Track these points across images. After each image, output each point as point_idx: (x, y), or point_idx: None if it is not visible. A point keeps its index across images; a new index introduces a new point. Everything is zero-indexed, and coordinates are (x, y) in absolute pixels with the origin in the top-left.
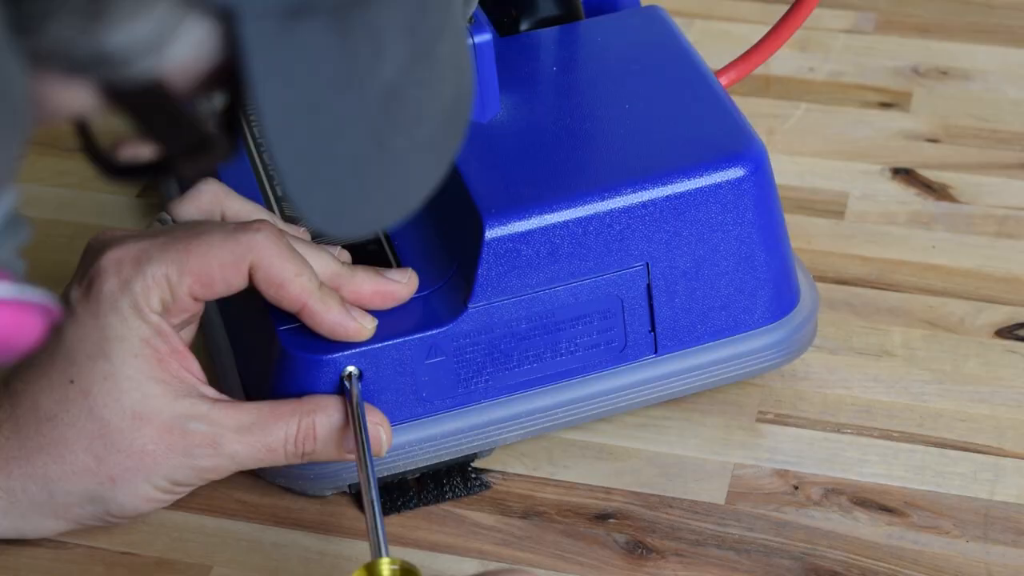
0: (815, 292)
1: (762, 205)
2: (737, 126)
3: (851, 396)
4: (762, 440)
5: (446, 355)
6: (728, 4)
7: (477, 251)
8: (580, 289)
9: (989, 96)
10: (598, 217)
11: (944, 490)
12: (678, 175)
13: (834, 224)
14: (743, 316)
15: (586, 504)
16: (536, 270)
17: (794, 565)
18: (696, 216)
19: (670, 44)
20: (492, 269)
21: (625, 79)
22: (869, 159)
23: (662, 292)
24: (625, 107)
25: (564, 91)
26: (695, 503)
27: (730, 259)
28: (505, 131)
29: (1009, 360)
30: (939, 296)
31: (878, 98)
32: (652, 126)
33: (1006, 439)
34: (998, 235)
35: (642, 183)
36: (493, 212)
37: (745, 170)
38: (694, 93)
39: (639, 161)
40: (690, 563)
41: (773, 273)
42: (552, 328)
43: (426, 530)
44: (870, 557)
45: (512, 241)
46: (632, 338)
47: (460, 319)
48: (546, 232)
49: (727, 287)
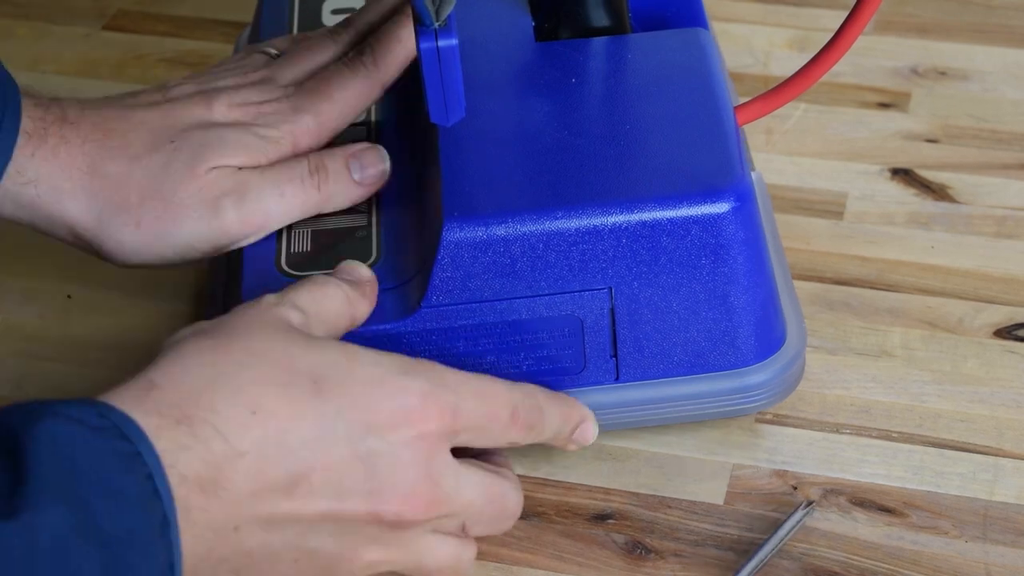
0: (803, 332)
1: (741, 245)
2: (729, 161)
3: (850, 396)
4: (761, 440)
5: (397, 351)
6: (728, 4)
7: (435, 251)
8: (538, 304)
9: (988, 96)
10: (560, 234)
11: (943, 490)
12: (651, 203)
13: (833, 224)
14: (716, 355)
15: (585, 504)
16: (493, 279)
17: (793, 565)
18: (666, 247)
19: (698, 69)
20: (448, 271)
21: (637, 100)
22: (868, 159)
23: (625, 319)
24: (625, 128)
25: (573, 103)
26: (694, 503)
27: (703, 296)
28: (498, 136)
29: (1008, 360)
30: (938, 296)
31: (877, 98)
32: (643, 150)
33: (1005, 440)
34: (997, 235)
35: (611, 205)
36: (456, 215)
37: (725, 207)
38: (700, 122)
39: (616, 183)
40: (689, 563)
41: (752, 315)
42: (508, 340)
43: None
44: (869, 557)
45: (471, 246)
46: (592, 361)
47: (412, 318)
48: (506, 242)
49: (699, 324)
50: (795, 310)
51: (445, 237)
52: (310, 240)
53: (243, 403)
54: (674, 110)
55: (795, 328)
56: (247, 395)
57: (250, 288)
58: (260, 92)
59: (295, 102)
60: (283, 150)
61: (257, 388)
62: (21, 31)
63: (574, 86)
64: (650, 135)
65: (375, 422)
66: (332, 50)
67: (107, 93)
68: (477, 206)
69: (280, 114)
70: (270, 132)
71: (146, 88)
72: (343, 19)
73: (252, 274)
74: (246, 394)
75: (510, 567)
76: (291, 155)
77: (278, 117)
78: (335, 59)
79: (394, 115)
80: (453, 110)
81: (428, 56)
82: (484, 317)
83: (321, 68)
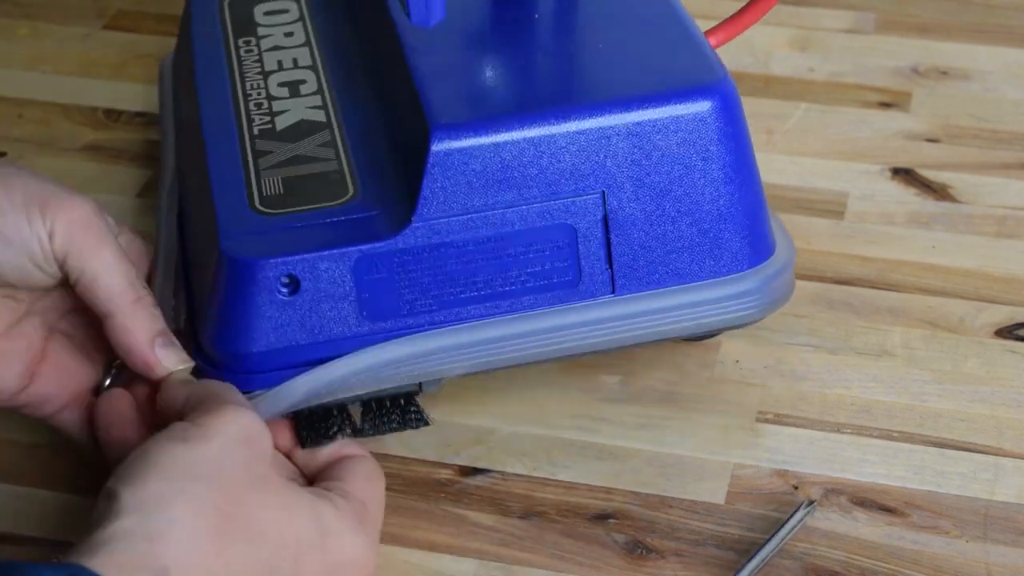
0: (791, 246)
1: (729, 142)
2: (708, 62)
3: (851, 396)
4: (762, 440)
5: (388, 272)
6: (728, 4)
7: (423, 163)
8: (530, 213)
9: (989, 96)
10: (551, 138)
11: (944, 490)
12: (639, 103)
13: (834, 224)
14: (709, 261)
15: (586, 504)
16: (485, 188)
17: (794, 565)
18: (656, 148)
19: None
20: (438, 183)
21: (607, 20)
22: (869, 159)
23: (619, 225)
24: (599, 46)
25: (543, 30)
26: (695, 503)
27: (694, 198)
28: (472, 48)
29: (1009, 360)
30: (939, 296)
31: (878, 98)
32: (622, 60)
33: (1005, 439)
34: (998, 235)
35: (601, 108)
36: (443, 124)
37: (711, 103)
38: (673, 34)
39: (601, 88)
40: (690, 563)
41: (741, 217)
42: (501, 254)
43: (425, 530)
44: (870, 557)
45: (460, 155)
46: (587, 273)
47: (402, 234)
48: (497, 149)
49: (691, 228)
50: (779, 224)
51: (433, 147)
52: (281, 184)
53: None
54: (645, 26)
55: (782, 239)
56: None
57: (227, 230)
58: None
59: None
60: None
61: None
62: (21, 31)
63: (538, 19)
64: (625, 47)
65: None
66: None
67: (107, 93)
68: (462, 114)
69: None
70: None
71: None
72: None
73: (226, 213)
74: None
75: (510, 566)
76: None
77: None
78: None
79: (337, 49)
80: (434, 10)
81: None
82: (476, 231)
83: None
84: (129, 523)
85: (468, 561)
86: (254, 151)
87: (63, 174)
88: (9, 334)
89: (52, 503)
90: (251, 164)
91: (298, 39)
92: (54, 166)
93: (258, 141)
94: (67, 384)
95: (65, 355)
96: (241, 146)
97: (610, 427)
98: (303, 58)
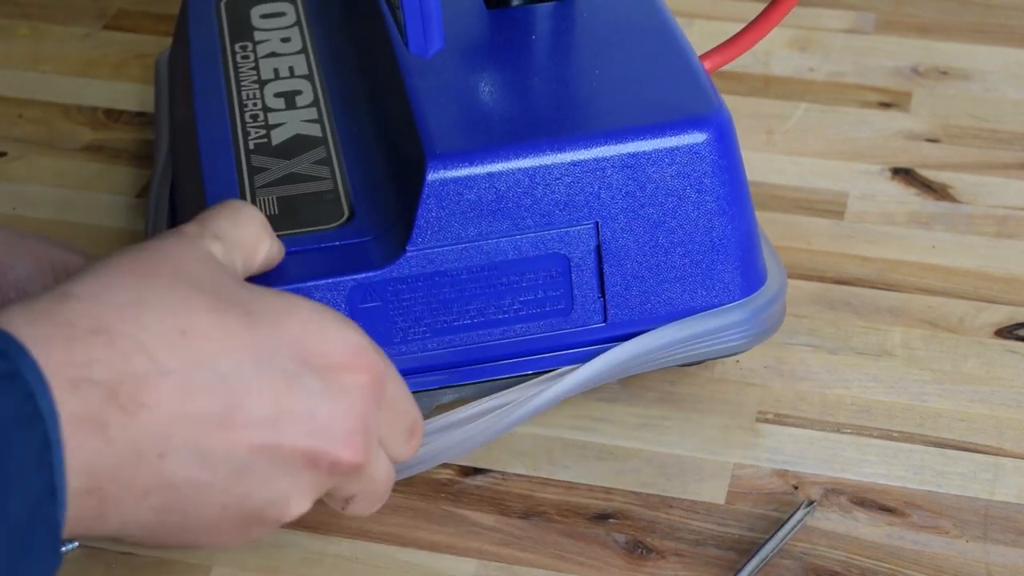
0: (783, 274)
1: (723, 174)
2: (704, 93)
3: (851, 396)
4: (762, 440)
5: (382, 300)
6: (728, 4)
7: (418, 192)
8: (524, 242)
9: (989, 96)
10: (546, 169)
11: (944, 490)
12: (634, 134)
13: (834, 224)
14: (701, 291)
15: (586, 504)
16: (479, 218)
17: (794, 565)
18: (651, 179)
19: (656, 21)
20: (433, 212)
21: (601, 48)
22: (869, 159)
23: (612, 255)
24: (595, 72)
25: (538, 56)
26: (695, 503)
27: (687, 229)
28: (469, 81)
29: (1009, 360)
30: (939, 296)
31: (878, 98)
32: (617, 88)
33: (1006, 439)
34: (998, 235)
35: (596, 139)
36: (438, 153)
37: (706, 135)
38: (666, 61)
39: (597, 118)
40: (690, 563)
41: (735, 248)
42: (495, 282)
43: (426, 530)
44: (870, 557)
45: (456, 185)
46: (580, 302)
47: (397, 263)
48: (492, 179)
49: (684, 258)
50: (771, 251)
51: (429, 176)
52: (277, 205)
53: (171, 322)
54: (640, 54)
55: (774, 267)
56: (176, 314)
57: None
58: None
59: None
60: None
61: (188, 309)
62: (21, 31)
63: (535, 42)
64: (622, 75)
65: (313, 361)
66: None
67: (107, 93)
68: (458, 143)
69: None
70: None
71: None
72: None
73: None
74: (175, 313)
75: (510, 566)
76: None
77: None
78: None
79: (333, 57)
80: (432, 40)
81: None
82: (470, 259)
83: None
84: (78, 290)
85: (468, 561)
86: (249, 167)
87: (63, 174)
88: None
89: None
90: (247, 182)
91: (295, 45)
92: (54, 166)
93: (254, 156)
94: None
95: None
96: (236, 162)
97: (610, 427)
98: (299, 67)
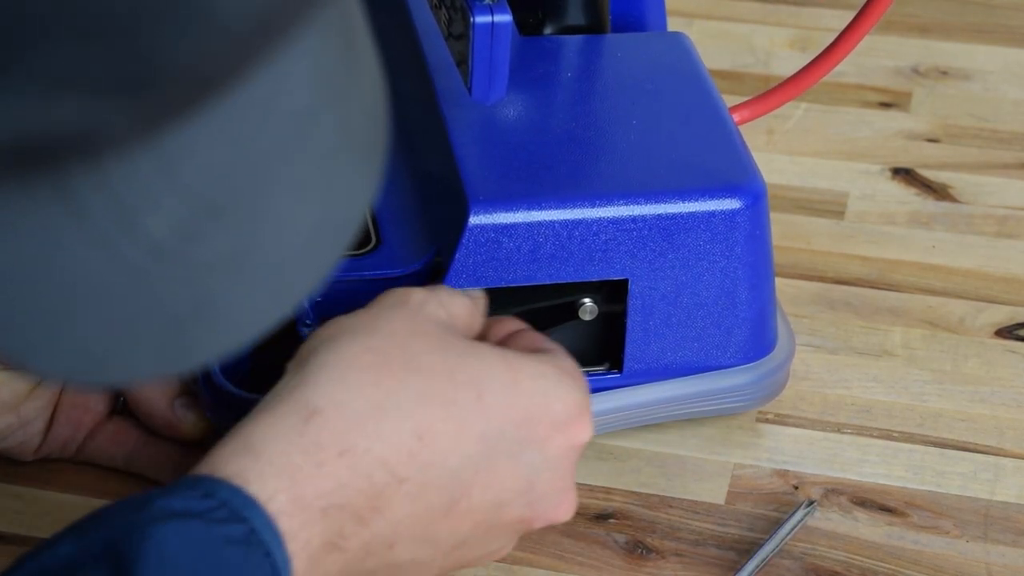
0: (792, 339)
1: (753, 242)
2: (741, 160)
3: (851, 396)
4: (762, 440)
5: None
6: (728, 4)
7: (458, 235)
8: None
9: (989, 96)
10: (584, 223)
11: (944, 490)
12: (672, 196)
13: (834, 224)
14: (716, 352)
15: (586, 504)
16: (515, 265)
17: (794, 565)
18: (684, 241)
19: (689, 71)
20: (471, 256)
21: (638, 96)
22: (869, 159)
23: (638, 311)
24: (632, 123)
25: (576, 96)
26: (695, 503)
27: (712, 291)
28: (510, 123)
29: (1009, 360)
30: (939, 296)
31: (878, 98)
32: (656, 145)
33: (1006, 439)
34: (998, 235)
35: (634, 197)
36: (481, 199)
37: (741, 203)
38: (704, 121)
39: (636, 176)
40: (690, 563)
41: (753, 313)
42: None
43: None
44: (870, 557)
45: (495, 231)
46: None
47: None
48: (531, 228)
49: (704, 319)
50: (782, 316)
51: (471, 220)
52: None
53: (410, 429)
54: (676, 108)
55: (784, 331)
56: (413, 417)
57: None
58: None
59: None
60: None
61: (423, 409)
62: None
63: (572, 80)
64: (659, 131)
65: (536, 437)
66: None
67: None
68: (501, 191)
69: None
70: None
71: None
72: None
73: None
74: (412, 416)
75: (511, 566)
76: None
77: None
78: None
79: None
80: (496, 88)
81: (481, 31)
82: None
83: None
84: (279, 386)
85: None
86: None
87: None
88: (31, 395)
89: (52, 503)
90: None
91: None
92: None
93: None
94: (83, 420)
95: (74, 396)
96: None
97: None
98: None
